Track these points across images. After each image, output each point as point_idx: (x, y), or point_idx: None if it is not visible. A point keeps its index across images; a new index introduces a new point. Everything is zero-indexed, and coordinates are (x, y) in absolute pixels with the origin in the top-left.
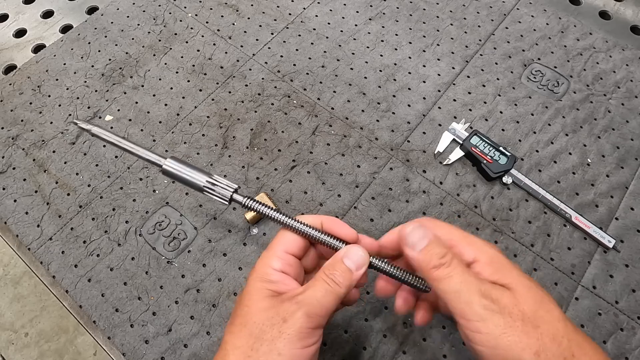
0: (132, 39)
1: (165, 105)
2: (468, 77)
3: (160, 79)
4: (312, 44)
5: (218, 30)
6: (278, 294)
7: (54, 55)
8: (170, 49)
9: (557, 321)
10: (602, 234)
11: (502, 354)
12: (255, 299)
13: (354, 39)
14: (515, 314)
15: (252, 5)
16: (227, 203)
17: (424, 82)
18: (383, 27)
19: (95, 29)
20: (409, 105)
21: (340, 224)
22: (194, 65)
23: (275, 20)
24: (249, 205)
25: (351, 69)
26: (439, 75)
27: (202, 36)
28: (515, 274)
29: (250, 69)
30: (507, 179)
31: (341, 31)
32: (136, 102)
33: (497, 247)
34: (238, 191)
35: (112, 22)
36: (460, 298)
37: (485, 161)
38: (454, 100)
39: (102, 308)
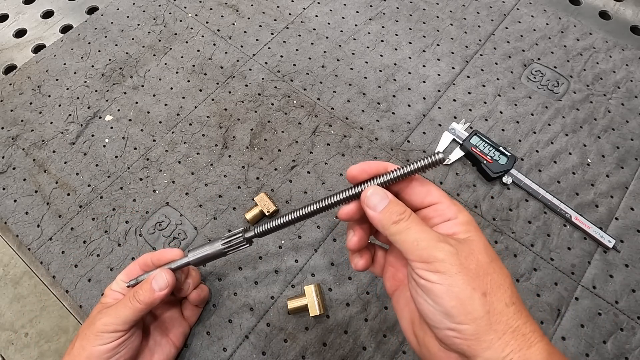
0: (132, 39)
1: (165, 105)
2: (468, 77)
3: (160, 79)
4: (312, 44)
5: (218, 30)
6: (106, 306)
7: (54, 55)
8: (170, 49)
9: (506, 276)
10: (602, 234)
11: (456, 292)
12: (93, 309)
13: (354, 39)
14: (470, 260)
15: (252, 5)
16: (248, 245)
17: (424, 82)
18: (383, 27)
19: (95, 29)
20: (409, 105)
21: (167, 252)
22: (194, 65)
23: (275, 20)
24: (262, 232)
25: (351, 69)
26: (439, 75)
27: (202, 36)
28: (480, 237)
29: (250, 69)
30: (507, 179)
31: (341, 31)
32: (136, 102)
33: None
34: (246, 232)
35: (112, 22)
36: (420, 245)
37: (485, 161)
38: (454, 100)
39: None
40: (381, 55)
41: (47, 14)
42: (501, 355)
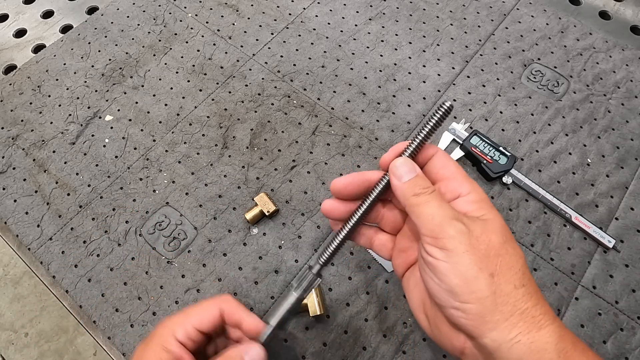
0: (132, 39)
1: (165, 105)
2: (468, 77)
3: (160, 79)
4: (312, 44)
5: (218, 30)
6: None
7: (54, 55)
8: (170, 49)
9: (519, 257)
10: (602, 234)
11: (462, 270)
12: (147, 356)
13: (354, 39)
14: (481, 240)
15: (252, 5)
16: (321, 279)
17: (424, 82)
18: (383, 27)
19: (95, 29)
20: (409, 105)
21: (255, 325)
22: (194, 65)
23: (275, 20)
24: (326, 261)
25: (351, 69)
26: (439, 75)
27: (202, 36)
28: (493, 213)
29: (250, 69)
30: (507, 179)
31: (341, 31)
32: (136, 102)
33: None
34: (311, 268)
35: (112, 22)
36: (434, 220)
37: (485, 161)
38: (454, 100)
39: (102, 308)
40: (381, 55)
41: (47, 14)
42: (508, 337)
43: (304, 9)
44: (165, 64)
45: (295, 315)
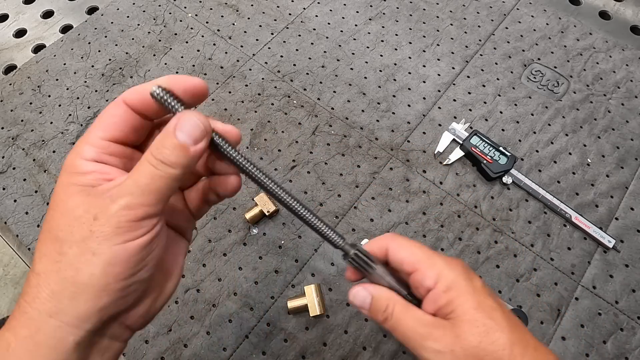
0: (132, 39)
1: None
2: (468, 77)
3: None
4: (312, 44)
5: (218, 30)
6: (93, 187)
7: (54, 55)
8: (170, 49)
9: (502, 350)
10: (602, 234)
11: None
12: (61, 198)
13: (354, 39)
14: (457, 352)
15: (252, 5)
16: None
17: (424, 82)
18: (383, 27)
19: (95, 29)
20: (409, 105)
21: (178, 78)
22: (194, 65)
23: (275, 20)
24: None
25: (351, 69)
26: (439, 75)
27: (202, 36)
28: (466, 304)
29: (250, 69)
30: (507, 179)
31: (341, 31)
32: None
33: (462, 262)
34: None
35: (112, 22)
36: (409, 343)
37: (485, 161)
38: (454, 100)
39: None
40: (381, 55)
41: (47, 14)
42: None
43: (304, 9)
44: (165, 64)
45: (296, 315)
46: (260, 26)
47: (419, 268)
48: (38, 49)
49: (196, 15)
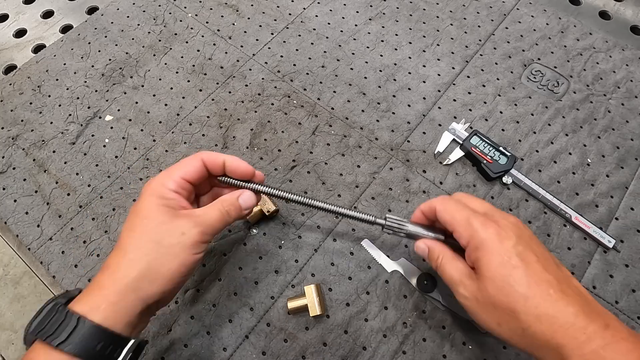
0: (132, 39)
1: (165, 105)
2: (468, 77)
3: (160, 79)
4: (312, 44)
5: (218, 30)
6: (172, 209)
7: (54, 55)
8: (170, 49)
9: (515, 302)
10: (602, 234)
11: (478, 319)
12: (154, 213)
13: (354, 39)
14: (479, 299)
15: (252, 5)
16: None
17: (424, 82)
18: (383, 27)
19: (95, 29)
20: (409, 105)
21: (240, 162)
22: (194, 65)
23: (275, 20)
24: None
25: (351, 69)
26: (439, 75)
27: (202, 36)
28: (490, 263)
29: (250, 69)
30: (507, 179)
31: (341, 31)
32: (136, 102)
33: (498, 225)
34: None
35: (112, 22)
36: (450, 286)
37: (485, 161)
38: (454, 100)
39: None
40: (381, 55)
41: (47, 14)
42: None
43: (304, 9)
44: (165, 64)
45: (296, 315)
46: (260, 26)
47: (456, 229)
48: (38, 49)
49: (196, 15)
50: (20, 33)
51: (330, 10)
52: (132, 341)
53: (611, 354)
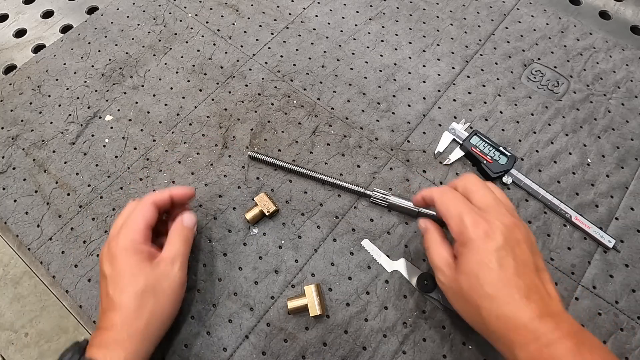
0: (132, 39)
1: (165, 105)
2: (468, 77)
3: (160, 79)
4: (312, 44)
5: (218, 30)
6: (149, 261)
7: (54, 55)
8: (170, 49)
9: (483, 299)
10: (602, 234)
11: (450, 302)
12: (137, 268)
13: (354, 39)
14: (453, 288)
15: (252, 5)
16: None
17: (424, 82)
18: (383, 27)
19: (95, 29)
20: (409, 105)
21: (181, 189)
22: (194, 65)
23: (275, 20)
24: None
25: (351, 69)
26: (439, 75)
27: (202, 36)
28: (470, 260)
29: (250, 69)
30: (507, 179)
31: (341, 31)
32: (136, 102)
33: (488, 225)
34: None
35: (112, 22)
36: (433, 269)
37: (485, 161)
38: (454, 100)
39: None
40: (381, 55)
41: (47, 14)
42: None
43: (304, 9)
44: (165, 64)
45: (296, 315)
46: (260, 26)
47: (448, 222)
48: (38, 49)
49: (196, 15)
50: (20, 33)
51: (330, 10)
52: None
53: (552, 351)
